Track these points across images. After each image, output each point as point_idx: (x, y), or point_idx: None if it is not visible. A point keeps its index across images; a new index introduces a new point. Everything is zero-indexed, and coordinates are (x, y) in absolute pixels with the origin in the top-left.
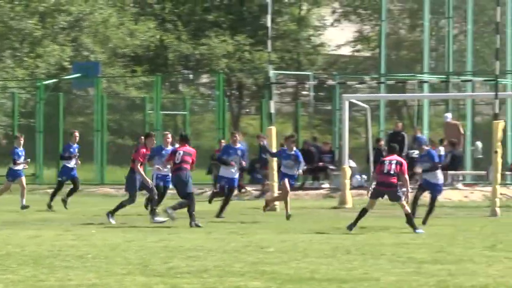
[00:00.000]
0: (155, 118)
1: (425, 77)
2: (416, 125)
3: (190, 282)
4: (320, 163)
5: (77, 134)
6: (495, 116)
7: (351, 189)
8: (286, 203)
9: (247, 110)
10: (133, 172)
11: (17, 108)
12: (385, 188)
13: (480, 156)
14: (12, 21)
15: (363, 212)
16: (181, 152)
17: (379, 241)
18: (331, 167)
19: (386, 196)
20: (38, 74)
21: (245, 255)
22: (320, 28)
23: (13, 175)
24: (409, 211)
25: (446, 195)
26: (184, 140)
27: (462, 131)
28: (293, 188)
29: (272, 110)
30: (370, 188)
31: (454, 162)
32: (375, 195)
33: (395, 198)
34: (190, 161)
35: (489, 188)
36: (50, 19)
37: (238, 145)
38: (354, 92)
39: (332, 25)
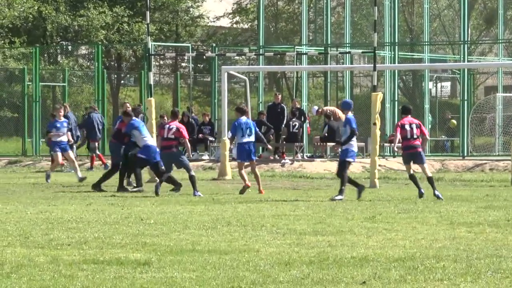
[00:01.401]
0: (33, 89)
1: (304, 49)
2: (295, 97)
3: (70, 253)
4: (200, 135)
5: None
6: (374, 88)
7: (230, 161)
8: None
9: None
10: None
11: None
12: (412, 150)
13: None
14: None
15: (413, 177)
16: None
17: (259, 212)
18: (210, 138)
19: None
20: None
21: (125, 227)
22: None
23: (54, 147)
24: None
25: (326, 167)
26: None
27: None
28: None
29: (151, 82)
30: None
31: (332, 134)
32: (407, 159)
33: (421, 161)
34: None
35: (368, 160)
36: None
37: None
38: (233, 64)
39: None
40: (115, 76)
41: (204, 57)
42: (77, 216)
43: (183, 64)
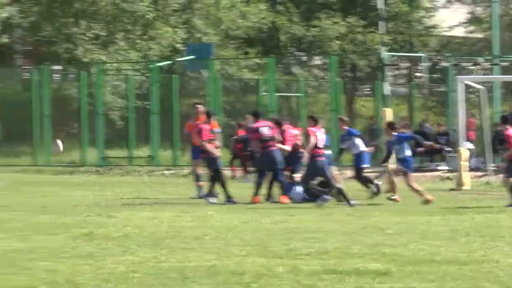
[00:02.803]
0: (269, 100)
1: None
2: None
3: (309, 263)
4: (436, 145)
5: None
6: None
7: (469, 171)
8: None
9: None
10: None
11: (131, 90)
12: None
13: None
14: (125, 4)
15: None
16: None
17: (498, 223)
18: (447, 148)
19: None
20: (151, 56)
21: (363, 237)
22: (431, 9)
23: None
24: None
25: None
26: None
27: None
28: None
29: (386, 92)
30: None
31: None
32: None
33: None
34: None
35: None
36: (162, 1)
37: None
38: (467, 74)
39: (444, 6)
40: (350, 86)
41: (439, 67)
42: (315, 226)
43: (417, 74)
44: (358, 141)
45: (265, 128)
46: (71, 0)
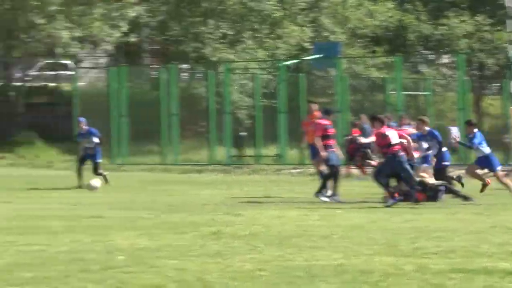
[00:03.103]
0: (396, 98)
1: None
2: None
3: (437, 262)
4: None
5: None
6: None
7: None
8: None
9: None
10: None
11: (258, 89)
12: None
13: None
14: (252, 3)
15: None
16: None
17: None
18: None
19: None
20: (279, 55)
21: (491, 236)
22: None
23: None
24: None
25: None
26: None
27: None
28: None
29: None
30: None
31: None
32: None
33: None
34: None
35: None
36: (289, 0)
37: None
38: None
39: None
40: (477, 85)
41: None
42: (442, 225)
43: None
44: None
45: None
46: None
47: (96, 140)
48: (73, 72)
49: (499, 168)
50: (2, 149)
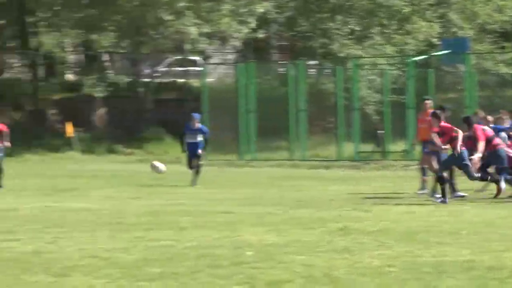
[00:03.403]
0: None
1: None
2: None
3: None
4: None
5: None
6: None
7: None
8: None
9: None
10: None
11: (387, 84)
12: None
13: None
14: None
15: None
16: None
17: None
18: None
19: None
20: (407, 51)
21: None
22: None
23: None
24: None
25: None
26: None
27: None
28: None
29: None
30: None
31: None
32: None
33: None
34: None
35: None
36: None
37: None
38: None
39: None
40: None
41: None
42: None
43: None
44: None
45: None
46: None
47: (201, 138)
48: (202, 68)
49: None
50: (131, 145)
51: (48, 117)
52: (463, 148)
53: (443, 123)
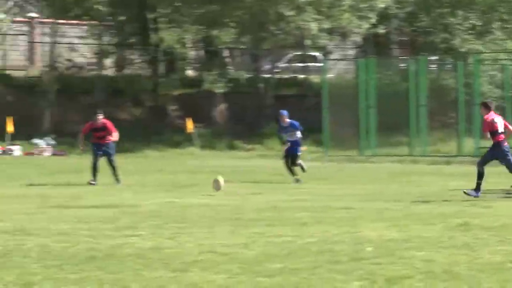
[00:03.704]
0: None
1: None
2: None
3: None
4: None
5: None
6: None
7: None
8: None
9: None
10: None
11: (508, 80)
12: None
13: None
14: None
15: None
16: None
17: None
18: None
19: None
20: None
21: None
22: None
23: None
24: None
25: None
26: None
27: None
28: None
29: None
30: None
31: None
32: None
33: None
34: None
35: None
36: None
37: None
38: None
39: None
40: None
41: None
42: None
43: None
44: None
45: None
46: None
47: (298, 134)
48: (322, 64)
49: None
50: (252, 141)
51: (168, 113)
52: None
53: None
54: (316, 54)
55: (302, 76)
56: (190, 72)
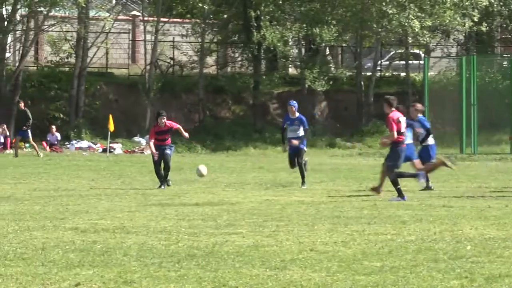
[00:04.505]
0: None
1: None
2: None
3: None
4: None
5: None
6: None
7: None
8: None
9: None
10: None
11: None
12: None
13: None
14: None
15: None
16: None
17: None
18: None
19: None
20: None
21: None
22: None
23: None
24: None
25: None
26: None
27: None
28: None
29: None
30: None
31: None
32: None
33: None
34: None
35: None
36: None
37: None
38: None
39: None
40: None
41: None
42: None
43: None
44: None
45: None
46: None
47: (301, 132)
48: (424, 62)
49: None
50: (352, 139)
51: (269, 110)
52: None
53: None
54: (418, 51)
55: (403, 74)
56: (291, 70)
